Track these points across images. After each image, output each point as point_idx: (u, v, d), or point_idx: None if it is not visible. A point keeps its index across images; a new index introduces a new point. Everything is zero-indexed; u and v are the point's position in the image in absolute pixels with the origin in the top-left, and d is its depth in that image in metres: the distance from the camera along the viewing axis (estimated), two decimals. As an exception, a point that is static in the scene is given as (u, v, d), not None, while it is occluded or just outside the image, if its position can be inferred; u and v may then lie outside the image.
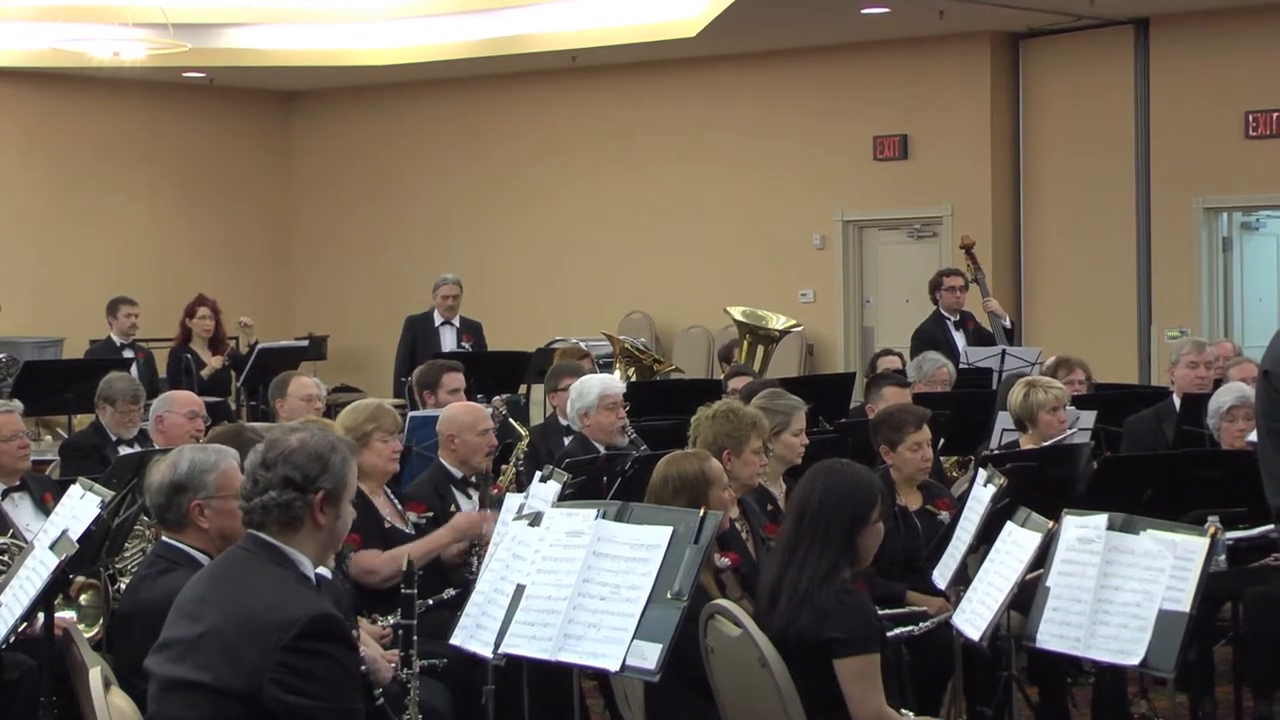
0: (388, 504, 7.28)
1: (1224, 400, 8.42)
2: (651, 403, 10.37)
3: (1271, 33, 15.47)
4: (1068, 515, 5.79)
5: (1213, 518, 6.22)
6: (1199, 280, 16.00)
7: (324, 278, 20.93)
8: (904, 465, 7.82)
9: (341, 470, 4.31)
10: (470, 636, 5.59)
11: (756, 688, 5.28)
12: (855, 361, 16.78)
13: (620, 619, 5.07)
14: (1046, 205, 16.82)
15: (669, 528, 5.17)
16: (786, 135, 17.86)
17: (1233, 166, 15.72)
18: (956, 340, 13.02)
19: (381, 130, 20.48)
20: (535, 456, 8.97)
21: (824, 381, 12.77)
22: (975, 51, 16.84)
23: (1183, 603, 5.34)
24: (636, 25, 16.91)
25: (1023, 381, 8.93)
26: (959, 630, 6.13)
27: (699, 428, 7.06)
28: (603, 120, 19.01)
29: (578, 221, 19.15)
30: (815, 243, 17.85)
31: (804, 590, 5.28)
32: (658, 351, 16.11)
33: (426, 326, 14.75)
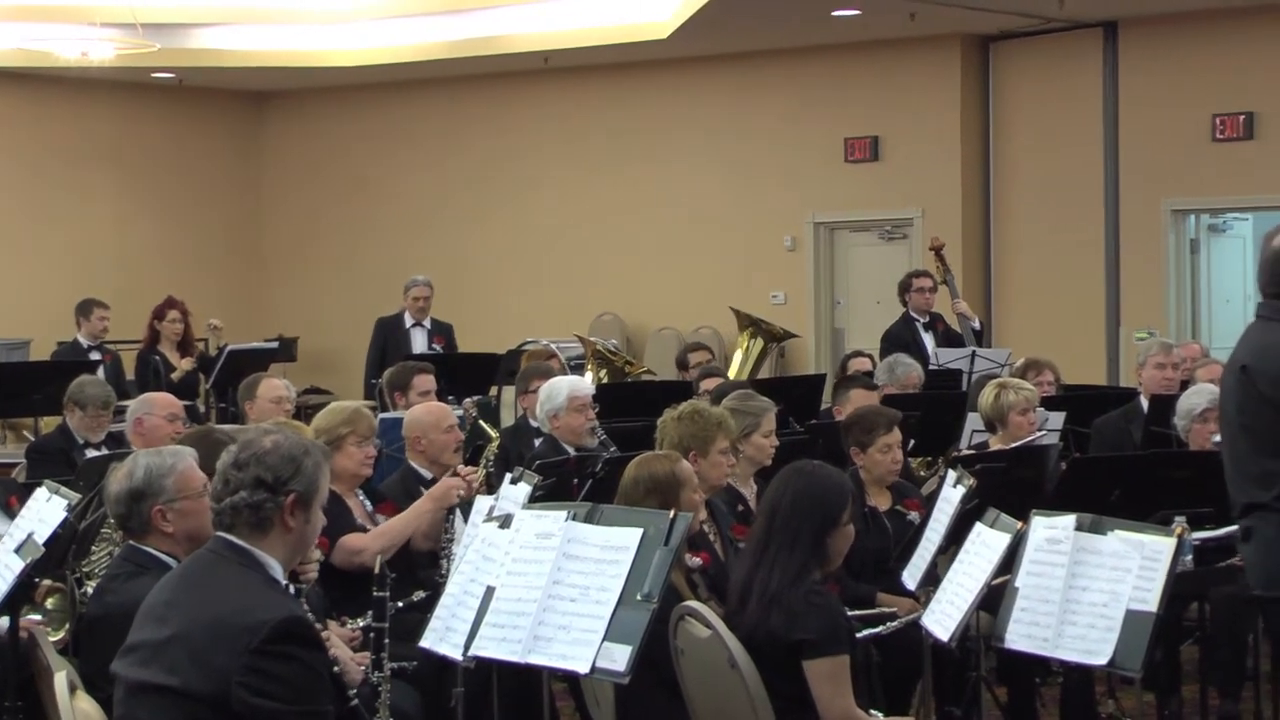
0: (359, 506, 7.29)
1: (1196, 402, 8.43)
2: (622, 404, 10.37)
3: (1239, 36, 15.53)
4: (1036, 516, 5.81)
5: (1180, 518, 6.24)
6: (1167, 282, 16.05)
7: (294, 279, 20.88)
8: (874, 467, 7.84)
9: (314, 474, 4.30)
10: (440, 639, 5.58)
11: (726, 689, 5.29)
12: (826, 363, 16.80)
13: (590, 621, 5.07)
14: (1016, 207, 16.86)
15: (639, 529, 5.17)
16: (758, 137, 17.87)
17: (1200, 169, 15.78)
18: (926, 342, 13.05)
19: (352, 131, 20.44)
20: (506, 458, 8.98)
21: (794, 383, 12.79)
22: (945, 54, 16.87)
23: (1150, 603, 5.36)
24: (608, 27, 16.90)
25: (993, 383, 8.96)
26: (928, 631, 6.15)
27: (665, 429, 7.06)
28: (574, 121, 19.00)
29: (549, 223, 19.14)
30: (786, 244, 17.86)
31: (774, 591, 5.29)
32: (629, 353, 16.11)
33: (397, 328, 14.73)
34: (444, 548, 7.04)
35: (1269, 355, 5.36)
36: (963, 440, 9.45)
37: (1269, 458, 5.38)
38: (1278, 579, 5.39)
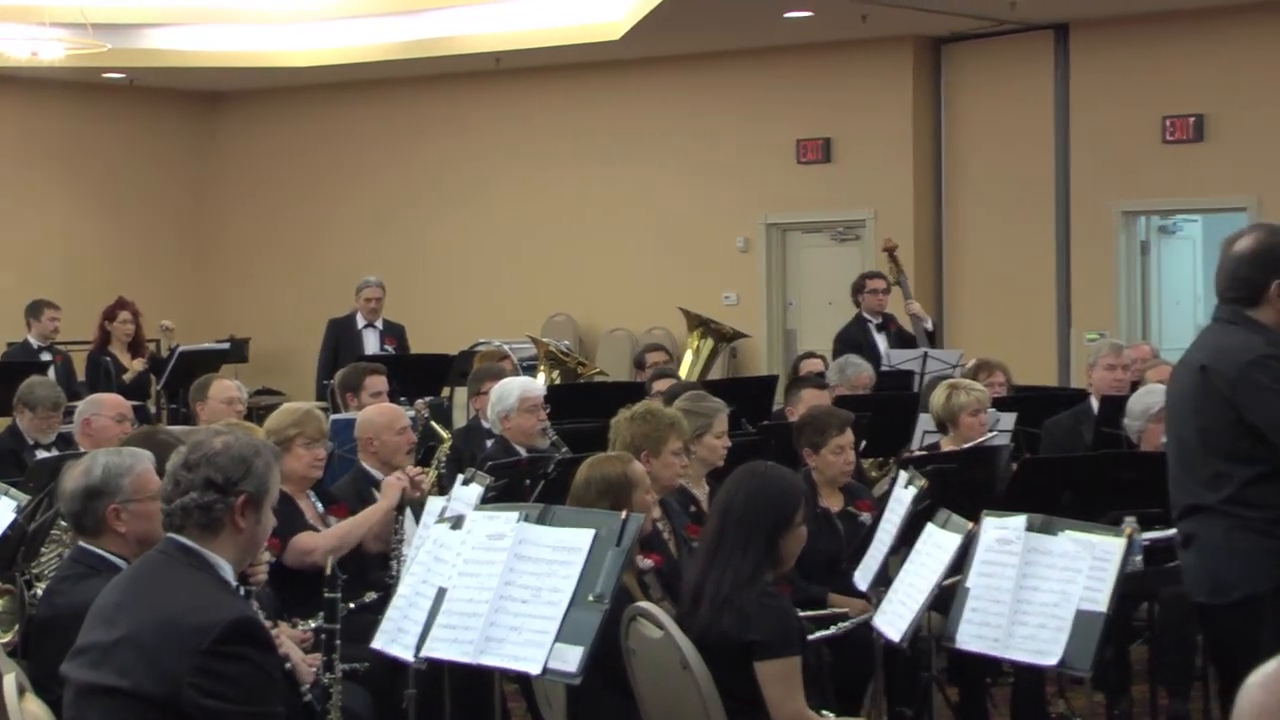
0: (310, 507, 7.27)
1: (1151, 402, 8.45)
2: (575, 405, 10.37)
3: (1189, 39, 15.62)
4: (987, 517, 5.83)
5: (1130, 519, 6.29)
6: (1117, 283, 16.13)
7: (246, 280, 20.81)
8: (827, 468, 7.86)
9: (264, 474, 4.29)
10: (391, 640, 5.57)
11: (678, 690, 5.29)
12: (778, 364, 16.82)
13: (542, 622, 5.07)
14: (967, 208, 16.92)
15: (591, 530, 5.17)
16: (710, 138, 17.89)
17: (1151, 171, 15.86)
18: (879, 342, 13.08)
19: (304, 132, 20.39)
20: (458, 459, 8.97)
21: (747, 384, 12.81)
22: (897, 56, 16.92)
23: (1100, 603, 5.39)
24: (560, 28, 16.90)
25: (944, 384, 8.98)
26: (880, 631, 6.17)
27: (618, 429, 7.08)
28: (526, 122, 18.99)
29: (501, 224, 19.12)
30: (739, 245, 17.88)
31: (726, 593, 5.29)
32: (581, 354, 16.10)
33: (349, 329, 14.70)
34: (394, 549, 7.03)
35: (1229, 357, 5.39)
36: (914, 441, 9.48)
37: (1221, 460, 5.41)
38: (1223, 585, 5.41)
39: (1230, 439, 5.38)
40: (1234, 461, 5.38)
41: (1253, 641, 5.15)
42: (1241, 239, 5.52)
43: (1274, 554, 5.35)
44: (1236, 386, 5.34)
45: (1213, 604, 5.48)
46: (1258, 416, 5.33)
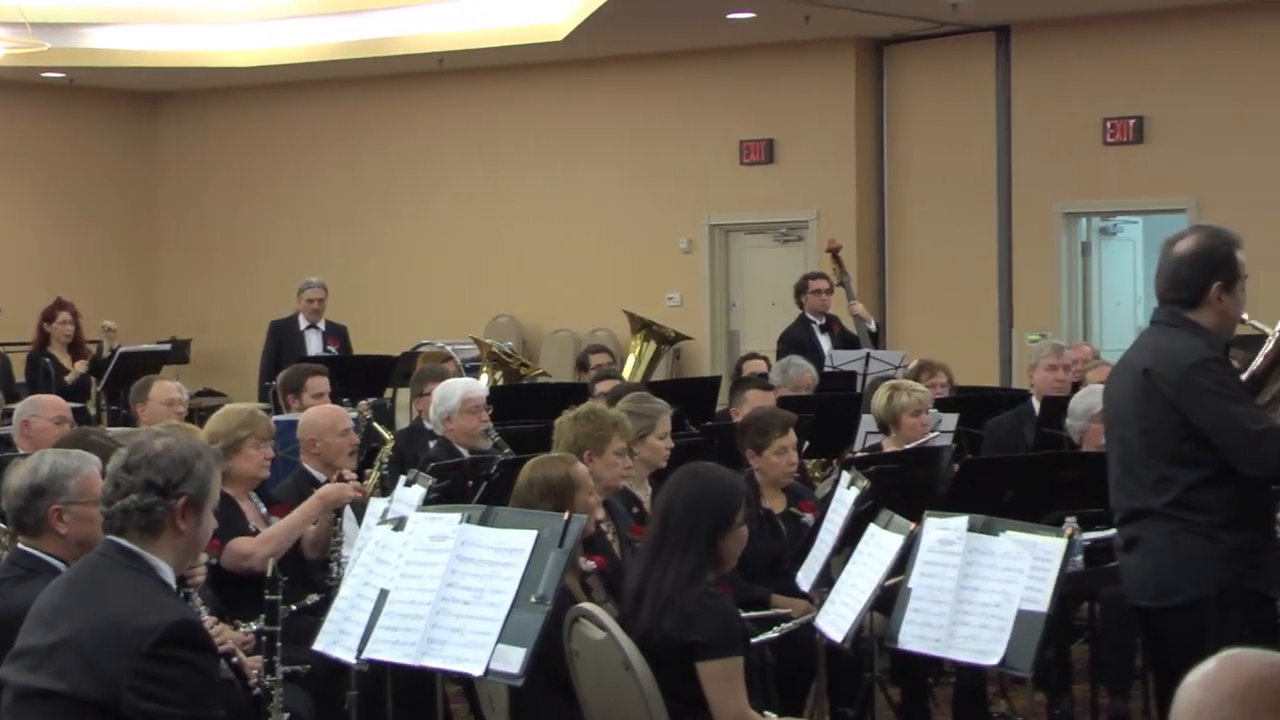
0: (253, 509, 7.25)
1: (1093, 402, 8.47)
2: (518, 406, 10.36)
3: (1129, 41, 15.71)
4: (929, 517, 5.85)
5: (1070, 519, 6.31)
6: (1059, 284, 16.21)
7: (188, 280, 20.71)
8: (770, 469, 7.87)
9: (205, 477, 4.27)
10: (333, 642, 5.55)
11: (620, 691, 5.29)
12: (721, 365, 16.84)
13: (484, 623, 5.06)
14: (910, 209, 16.98)
15: (533, 531, 5.16)
16: (654, 139, 17.90)
17: (1091, 172, 15.95)
18: (822, 343, 13.11)
19: (246, 132, 20.31)
20: (400, 460, 8.94)
21: (690, 385, 12.81)
22: (840, 57, 16.97)
23: (1041, 603, 5.41)
24: (503, 28, 16.88)
25: (886, 385, 9.00)
26: (822, 632, 6.17)
27: (561, 429, 7.08)
28: (470, 123, 18.96)
29: (445, 224, 19.09)
30: (682, 246, 17.90)
31: (667, 594, 5.29)
32: (524, 355, 16.09)
33: (291, 330, 14.65)
34: (333, 551, 7.01)
35: (1171, 361, 5.41)
36: (857, 442, 9.49)
37: (1165, 464, 5.43)
38: (1168, 588, 5.43)
39: (1174, 442, 5.40)
40: (1178, 465, 5.41)
41: (1197, 645, 5.16)
42: (1181, 241, 5.54)
43: (1218, 558, 5.38)
44: (1180, 390, 5.36)
45: (1156, 607, 5.50)
46: (1201, 419, 5.35)
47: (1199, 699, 2.27)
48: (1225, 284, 5.45)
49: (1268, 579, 5.51)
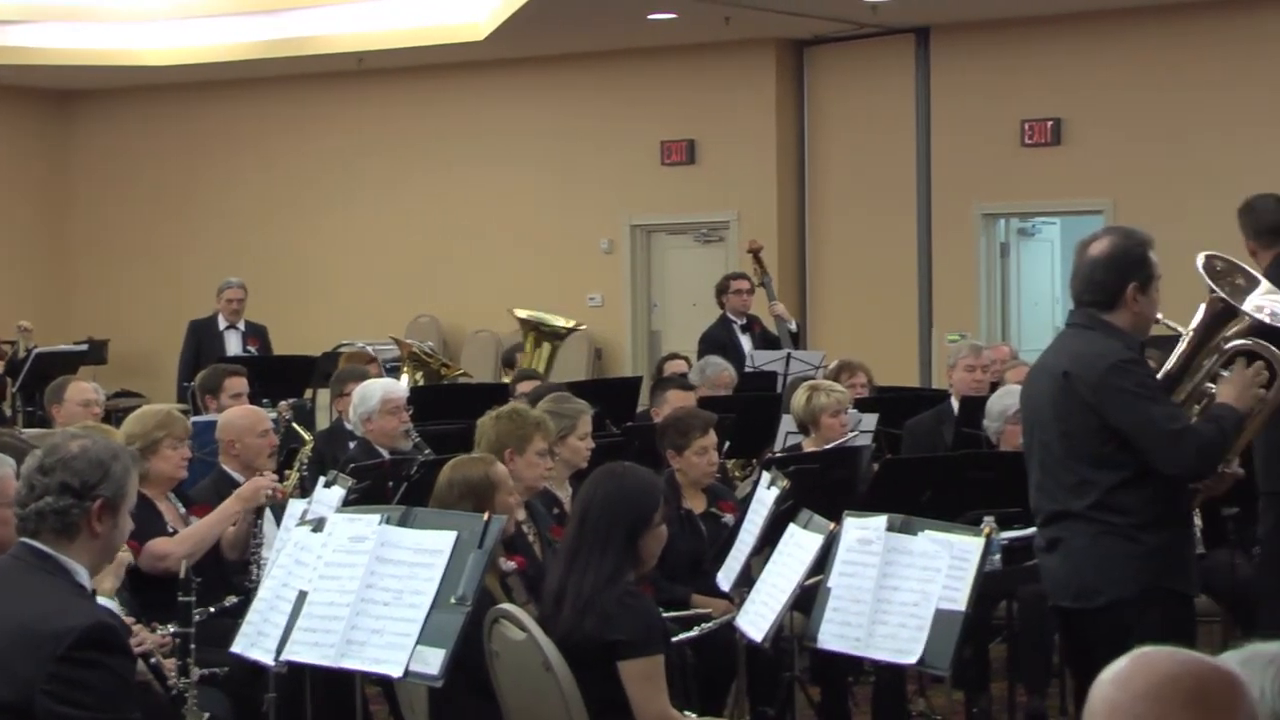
0: (172, 510, 7.21)
1: (1009, 403, 8.54)
2: (438, 407, 10.34)
3: (1047, 44, 15.83)
4: (848, 517, 5.87)
5: (988, 518, 6.36)
6: (978, 285, 16.31)
7: (105, 280, 20.55)
8: (690, 469, 7.87)
9: (122, 479, 4.24)
10: (251, 644, 5.52)
11: (541, 692, 5.28)
12: (643, 365, 16.86)
13: (404, 624, 5.04)
14: (830, 210, 17.05)
15: (453, 532, 5.15)
16: (575, 140, 17.90)
17: (1010, 174, 16.06)
18: (743, 343, 13.14)
19: (164, 131, 20.16)
20: (320, 461, 8.90)
21: (611, 385, 12.82)
22: (761, 58, 17.01)
23: (959, 602, 5.44)
24: (423, 28, 16.84)
25: (805, 385, 9.02)
26: (742, 632, 6.19)
27: (483, 429, 7.07)
28: (390, 123, 18.90)
29: (364, 224, 19.02)
30: (603, 247, 17.90)
31: (587, 594, 5.29)
32: (445, 355, 16.04)
33: (210, 331, 14.57)
34: (253, 553, 6.98)
35: (1090, 363, 5.44)
36: (777, 442, 9.52)
37: (1086, 466, 5.46)
38: (1089, 589, 5.47)
39: (1095, 445, 5.44)
40: (1098, 467, 5.44)
41: (1118, 646, 5.17)
42: (1095, 243, 5.58)
43: (1139, 559, 5.42)
44: (1099, 392, 5.40)
45: (1077, 608, 5.54)
46: (1120, 420, 5.40)
47: (1112, 697, 2.29)
48: (1141, 285, 5.49)
49: (1186, 578, 5.57)
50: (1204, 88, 15.15)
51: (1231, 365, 5.63)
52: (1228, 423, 5.49)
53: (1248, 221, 7.07)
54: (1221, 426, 5.47)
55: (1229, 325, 5.65)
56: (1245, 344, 5.64)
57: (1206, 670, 2.29)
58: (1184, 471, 5.48)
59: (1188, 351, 5.66)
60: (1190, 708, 2.25)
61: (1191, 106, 15.20)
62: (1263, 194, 7.29)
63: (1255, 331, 5.66)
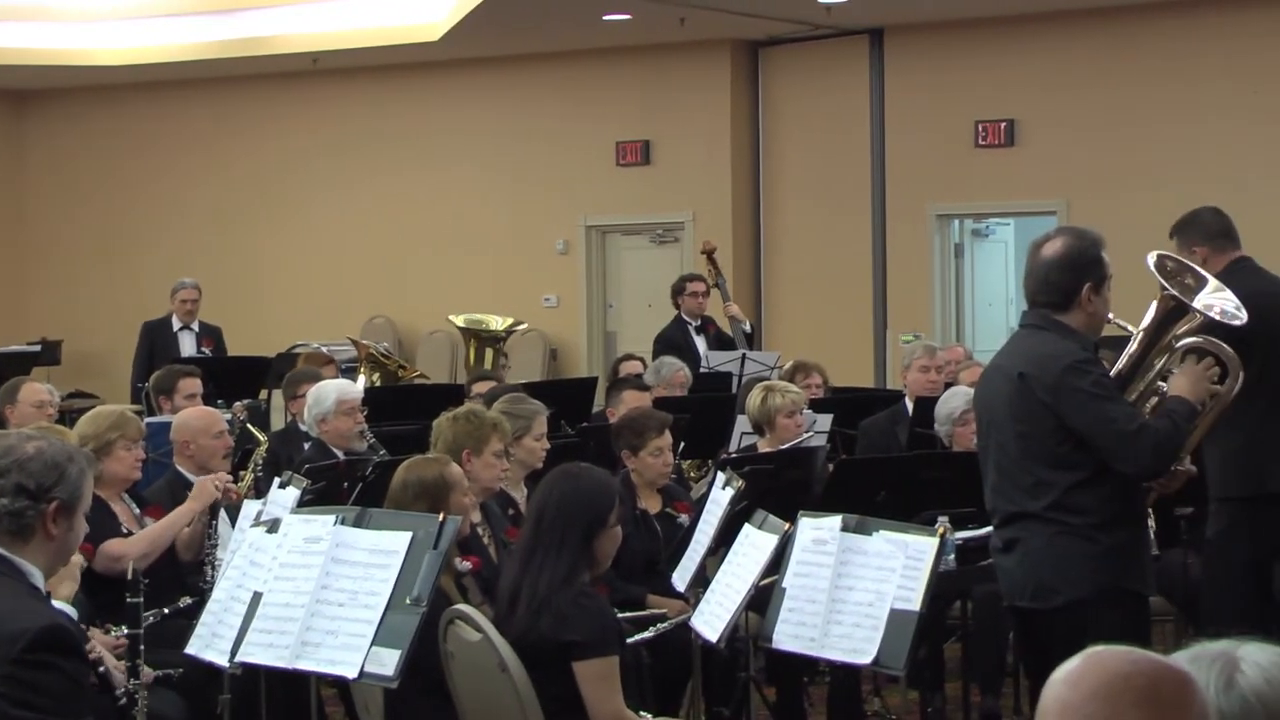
0: (126, 511, 7.18)
1: (955, 405, 8.60)
2: (394, 407, 10.32)
3: (1001, 45, 15.89)
4: (803, 517, 5.88)
5: (942, 518, 6.37)
6: (932, 285, 16.36)
7: (58, 281, 20.44)
8: (645, 470, 7.88)
9: (78, 481, 4.22)
10: (206, 645, 5.51)
11: (496, 692, 5.28)
12: (598, 366, 16.85)
13: (359, 625, 5.04)
14: (785, 211, 17.08)
15: (408, 533, 5.16)
16: (530, 140, 17.89)
17: (964, 175, 16.11)
18: (698, 344, 13.15)
19: (118, 131, 20.07)
20: (275, 462, 8.88)
21: (566, 386, 12.83)
22: (716, 59, 17.03)
23: (913, 601, 5.46)
24: (378, 28, 16.80)
25: (760, 386, 9.03)
26: (697, 632, 6.20)
27: (440, 429, 7.06)
28: (345, 123, 18.85)
29: (320, 224, 18.98)
30: (558, 248, 17.90)
31: (543, 595, 5.29)
32: (401, 356, 16.02)
33: (164, 331, 14.51)
34: (208, 554, 6.96)
35: (1046, 365, 5.47)
36: (732, 443, 9.53)
37: (1043, 466, 5.49)
38: (1046, 590, 5.50)
39: (1051, 445, 5.47)
40: (1055, 468, 5.47)
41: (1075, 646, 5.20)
42: (1049, 244, 5.60)
43: (1096, 559, 5.45)
44: (1055, 392, 5.42)
45: (1034, 608, 5.56)
46: (1077, 421, 5.42)
47: (1065, 696, 2.31)
48: (1095, 285, 5.52)
49: (1143, 578, 5.60)
50: (1156, 89, 15.24)
51: (1183, 363, 5.67)
52: (1181, 417, 5.53)
53: (1196, 230, 7.10)
54: (1175, 421, 5.51)
55: (1180, 323, 5.69)
56: (1196, 341, 5.69)
57: (1158, 669, 2.31)
58: (1141, 470, 5.51)
59: (1139, 350, 5.70)
60: (1142, 706, 2.27)
61: (1144, 108, 15.28)
62: (1196, 209, 7.35)
63: (1206, 329, 5.71)
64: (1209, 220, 7.15)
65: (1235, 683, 2.38)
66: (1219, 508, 7.11)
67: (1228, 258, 7.04)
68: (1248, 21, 14.94)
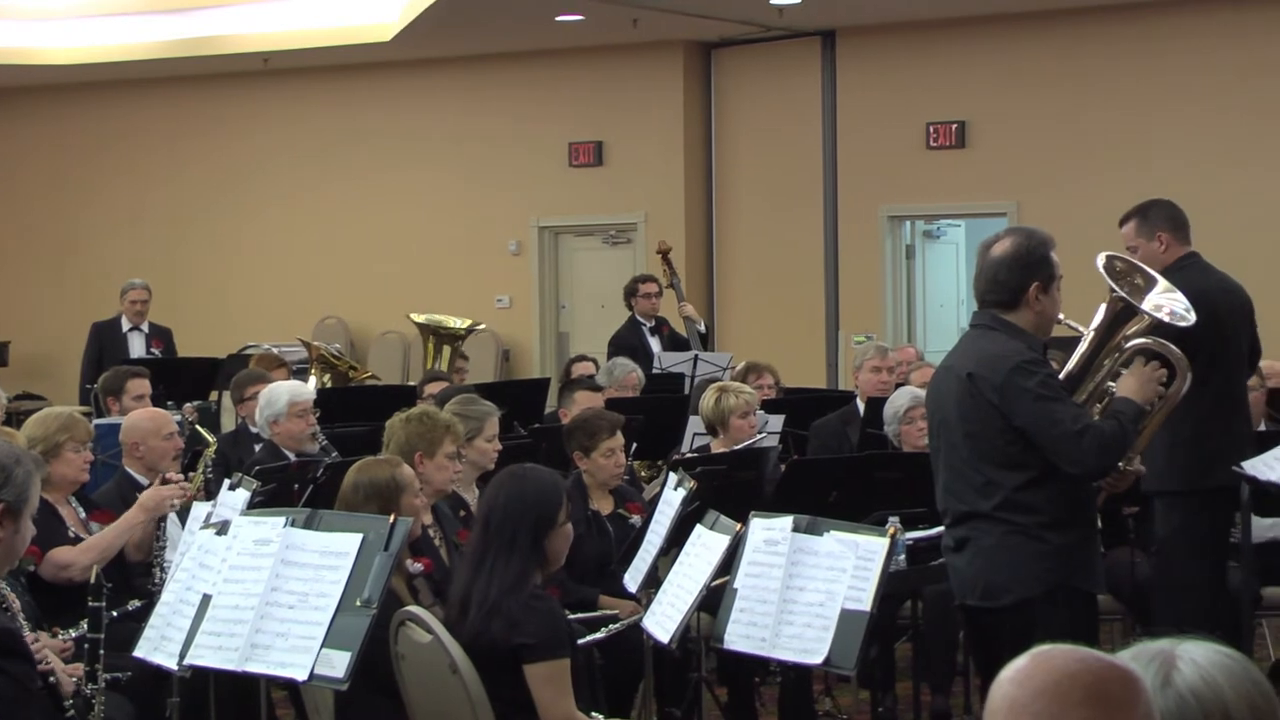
0: (73, 513, 7.14)
1: (900, 404, 8.64)
2: (346, 409, 10.29)
3: (952, 47, 15.94)
4: (754, 518, 5.88)
5: (893, 519, 6.39)
6: (884, 286, 16.41)
7: (7, 281, 20.30)
8: (598, 471, 7.87)
9: (24, 483, 4.19)
10: (155, 648, 5.48)
11: (447, 694, 5.27)
12: (551, 367, 16.85)
13: (309, 627, 5.02)
14: (738, 212, 17.10)
15: (359, 535, 5.14)
16: (483, 141, 17.87)
17: (915, 176, 16.16)
18: (652, 345, 13.15)
19: (67, 130, 19.96)
20: (225, 464, 8.84)
21: (519, 387, 12.81)
22: (668, 60, 17.05)
23: (864, 602, 5.46)
24: (330, 28, 16.76)
25: (714, 387, 9.04)
26: (649, 633, 6.19)
27: (393, 431, 7.04)
28: (296, 123, 18.80)
29: (271, 225, 18.92)
30: (511, 248, 17.89)
31: (493, 598, 5.28)
32: (352, 357, 15.98)
33: (114, 333, 14.44)
34: (156, 556, 6.93)
35: (994, 365, 5.49)
36: (684, 443, 9.53)
37: (992, 466, 5.51)
38: (996, 588, 5.52)
39: (1000, 445, 5.49)
40: (1004, 468, 5.50)
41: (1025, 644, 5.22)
42: (998, 243, 5.63)
43: (1045, 558, 5.48)
44: (1003, 392, 5.45)
45: (984, 607, 5.58)
46: (1024, 421, 5.45)
47: (1012, 695, 2.31)
48: (1043, 284, 5.55)
49: (1092, 576, 5.63)
50: (1106, 91, 15.31)
51: (1131, 364, 5.70)
52: (1127, 418, 5.56)
53: (1161, 216, 7.13)
54: (1122, 422, 5.54)
55: (1129, 324, 5.73)
56: (1145, 343, 5.73)
57: (1104, 668, 2.32)
58: (1087, 470, 5.54)
59: (1089, 351, 5.73)
60: (1088, 705, 2.27)
61: (1094, 109, 15.36)
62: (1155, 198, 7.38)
63: (1155, 330, 5.75)
64: (1174, 210, 7.18)
65: (1172, 680, 2.39)
66: (1166, 502, 7.13)
67: (1184, 250, 7.08)
68: (1196, 24, 15.03)
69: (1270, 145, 14.76)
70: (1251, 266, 8.02)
